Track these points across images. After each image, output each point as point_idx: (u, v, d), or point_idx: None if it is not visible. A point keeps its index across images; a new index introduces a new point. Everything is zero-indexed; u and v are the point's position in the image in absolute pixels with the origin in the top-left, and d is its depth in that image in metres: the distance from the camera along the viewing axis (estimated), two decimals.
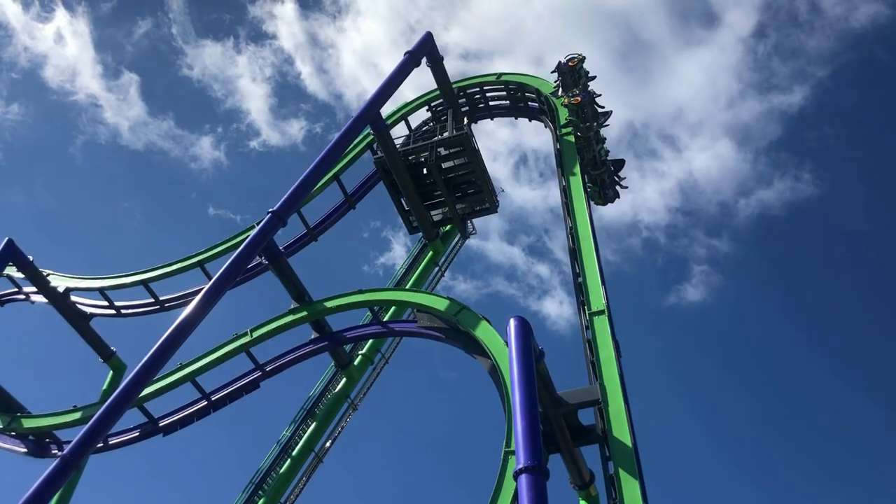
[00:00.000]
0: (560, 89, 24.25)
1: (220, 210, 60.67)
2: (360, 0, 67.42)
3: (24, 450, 22.65)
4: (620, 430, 15.08)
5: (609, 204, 24.52)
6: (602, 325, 16.98)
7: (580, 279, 18.40)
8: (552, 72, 24.68)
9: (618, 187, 24.50)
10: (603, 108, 23.75)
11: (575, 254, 19.09)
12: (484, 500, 14.00)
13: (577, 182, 20.93)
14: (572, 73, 24.14)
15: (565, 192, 21.04)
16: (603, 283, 17.95)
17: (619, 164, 24.37)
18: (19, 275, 26.07)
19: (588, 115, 23.38)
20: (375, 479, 56.61)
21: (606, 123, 23.70)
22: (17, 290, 27.45)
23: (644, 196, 59.97)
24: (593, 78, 24.29)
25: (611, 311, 17.39)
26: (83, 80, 61.50)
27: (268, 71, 64.90)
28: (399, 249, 57.62)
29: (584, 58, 24.36)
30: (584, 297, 17.84)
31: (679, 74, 62.74)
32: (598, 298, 17.56)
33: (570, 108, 23.37)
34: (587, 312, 17.43)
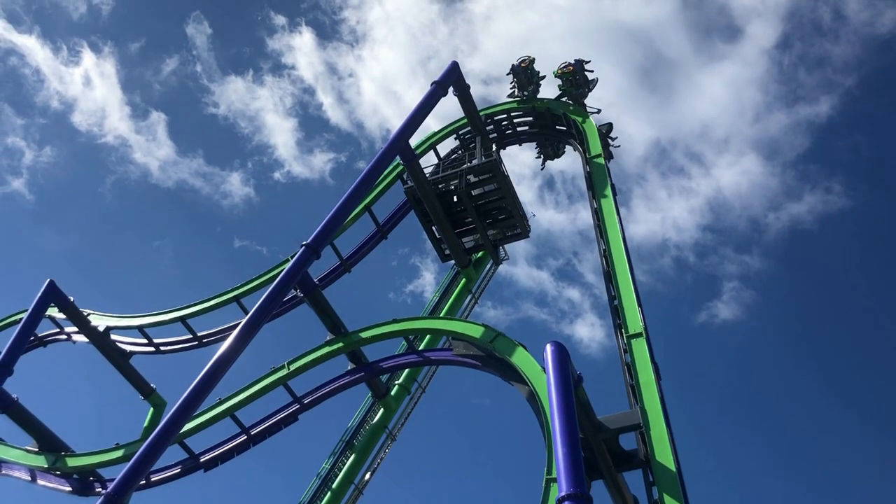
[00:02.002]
0: (516, 89, 26.50)
1: (246, 241, 61.43)
2: (377, 28, 68.25)
3: (69, 489, 22.87)
4: (663, 454, 14.83)
5: (556, 160, 27.13)
6: (640, 348, 16.78)
7: (616, 302, 18.23)
8: (507, 74, 26.36)
9: (611, 148, 25.39)
10: (592, 72, 25.97)
11: (609, 276, 18.95)
12: None
13: (608, 204, 20.84)
14: (525, 74, 26.22)
15: (597, 214, 20.94)
16: (639, 305, 17.77)
17: (609, 126, 25.43)
18: (61, 315, 26.52)
19: (580, 82, 25.62)
20: None
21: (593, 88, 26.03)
22: (59, 330, 27.91)
23: (673, 214, 59.56)
24: (543, 77, 26.47)
25: (648, 334, 17.19)
26: (111, 122, 62.96)
27: (289, 101, 65.88)
28: (428, 276, 57.69)
29: (534, 59, 26.66)
30: (620, 320, 17.66)
31: (703, 90, 62.49)
32: (635, 321, 17.38)
33: (563, 77, 25.61)
34: (625, 335, 17.24)
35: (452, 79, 24.53)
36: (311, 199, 64.01)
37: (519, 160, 26.98)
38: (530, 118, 26.60)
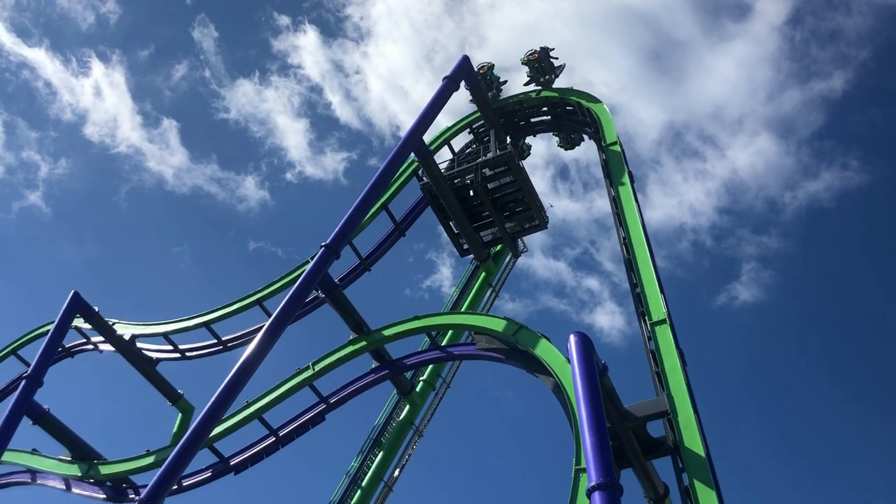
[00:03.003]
0: (533, 82, 26.61)
1: (260, 243, 61.73)
2: (382, 23, 68.10)
3: (103, 496, 23.19)
4: (692, 440, 14.78)
5: (577, 147, 27.36)
6: (664, 335, 16.72)
7: (638, 289, 18.17)
8: (523, 62, 26.20)
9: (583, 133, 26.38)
10: (557, 58, 26.40)
11: (630, 264, 18.87)
12: None
13: (626, 191, 20.74)
14: (484, 80, 26.53)
15: (615, 201, 20.86)
16: (661, 291, 17.69)
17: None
18: (87, 326, 26.81)
19: (546, 69, 26.24)
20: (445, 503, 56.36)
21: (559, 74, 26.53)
22: (85, 340, 28.23)
23: (689, 198, 59.15)
24: (504, 82, 27.06)
25: (672, 320, 17.12)
26: (124, 132, 63.42)
27: (297, 101, 65.96)
28: (445, 271, 57.71)
29: (493, 65, 27.20)
30: (643, 308, 17.60)
31: (715, 71, 61.92)
32: (658, 308, 17.31)
33: (529, 65, 26.05)
34: (648, 323, 17.18)
35: (464, 73, 24.50)
36: (325, 200, 64.23)
37: (531, 150, 27.00)
38: (544, 108, 26.53)
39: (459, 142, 27.17)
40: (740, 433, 50.64)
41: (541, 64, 26.23)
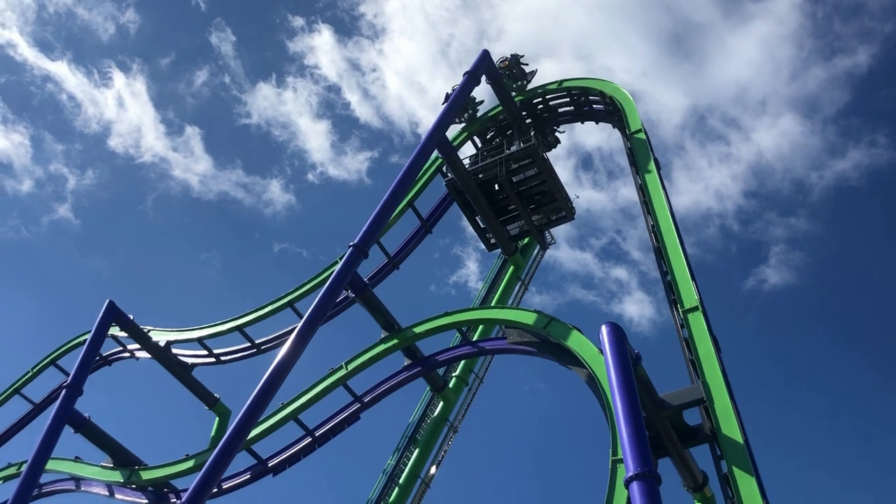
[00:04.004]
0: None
1: (284, 244, 62.12)
2: (396, 19, 68.02)
3: (145, 501, 23.54)
4: (729, 427, 14.65)
5: (552, 150, 27.34)
6: (697, 322, 16.57)
7: (668, 277, 18.02)
8: (443, 104, 25.33)
9: (556, 133, 27.10)
10: (527, 65, 26.97)
11: (660, 252, 18.73)
12: None
13: (653, 179, 20.57)
14: (510, 71, 26.44)
15: (642, 189, 20.69)
16: (693, 278, 17.54)
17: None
18: (122, 334, 27.19)
19: (517, 75, 26.71)
20: (483, 499, 56.41)
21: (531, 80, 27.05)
22: (122, 348, 28.65)
23: (715, 183, 58.52)
24: (481, 102, 26.92)
25: (704, 306, 16.97)
26: (148, 142, 64.07)
27: (317, 102, 66.15)
28: (472, 266, 57.65)
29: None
30: (675, 295, 17.46)
31: (736, 53, 61.11)
32: (689, 295, 17.16)
33: (502, 72, 26.14)
34: (680, 310, 17.03)
35: (484, 67, 24.46)
36: (349, 200, 64.47)
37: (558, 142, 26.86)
38: (565, 99, 26.40)
39: (483, 137, 27.13)
40: (775, 419, 50.08)
41: (512, 70, 26.59)
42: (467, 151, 26.22)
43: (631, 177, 22.06)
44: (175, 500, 23.05)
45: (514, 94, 26.36)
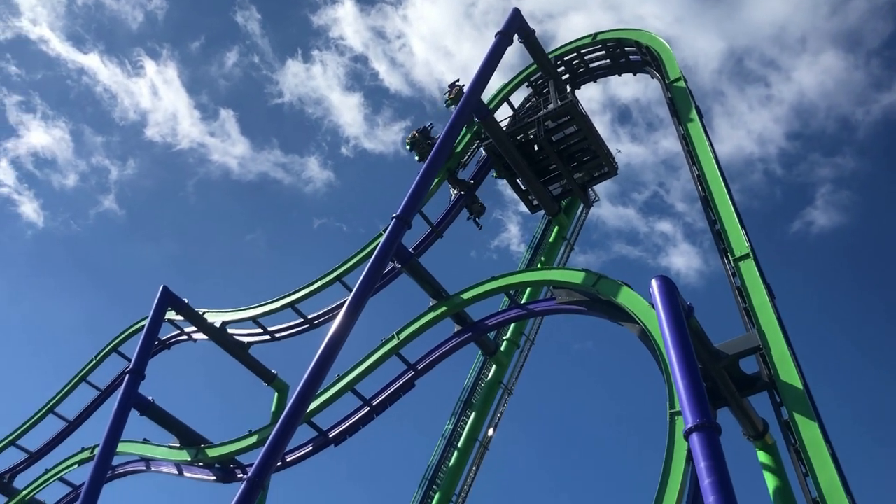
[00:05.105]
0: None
1: (323, 219, 62.57)
2: None
3: (213, 477, 24.24)
4: (788, 373, 14.50)
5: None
6: (750, 270, 16.35)
7: (717, 226, 17.76)
8: (446, 102, 25.69)
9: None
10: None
11: (707, 201, 18.44)
12: (654, 463, 13.82)
13: (696, 128, 20.19)
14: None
15: (685, 139, 20.34)
16: (742, 225, 17.26)
17: None
18: (178, 317, 27.82)
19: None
20: (542, 458, 56.86)
21: None
22: (179, 331, 29.30)
23: (757, 128, 57.16)
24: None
25: (755, 253, 16.71)
26: (184, 129, 64.74)
27: (345, 75, 65.96)
28: (513, 229, 57.42)
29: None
30: (724, 244, 17.21)
31: None
32: (740, 243, 16.91)
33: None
34: (731, 259, 16.81)
35: (516, 26, 24.09)
36: (386, 171, 64.57)
37: (585, 96, 26.08)
38: (601, 52, 25.92)
39: (519, 97, 26.87)
40: (830, 362, 49.29)
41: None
42: (503, 115, 26.01)
43: (671, 127, 21.69)
44: (241, 475, 23.66)
45: (588, 38, 25.63)
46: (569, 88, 25.14)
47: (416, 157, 26.11)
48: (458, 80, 26.47)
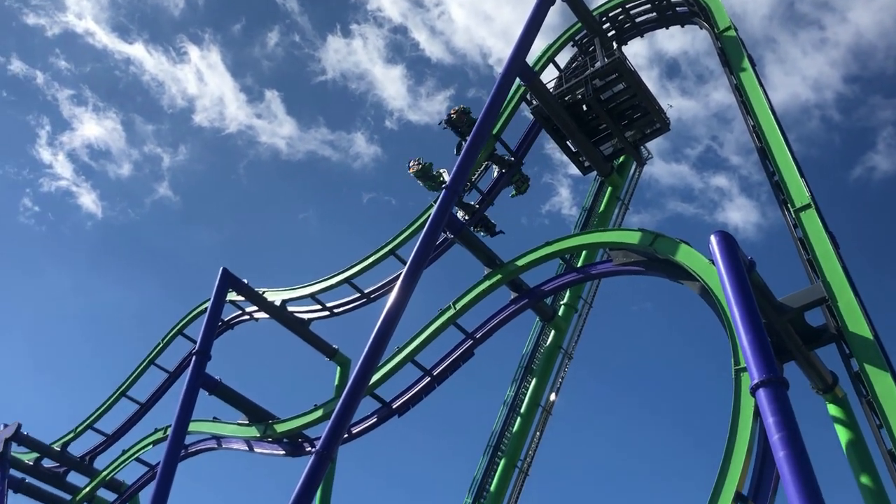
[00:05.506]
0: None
1: (372, 194, 62.75)
2: None
3: (282, 452, 24.84)
4: (856, 324, 14.11)
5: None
6: (812, 220, 15.90)
7: (776, 177, 17.28)
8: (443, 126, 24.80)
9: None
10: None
11: (764, 152, 17.93)
12: (720, 422, 13.64)
13: (749, 77, 19.58)
14: (459, 122, 24.39)
15: (738, 90, 19.76)
16: (802, 175, 16.76)
17: None
18: (239, 298, 28.37)
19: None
20: (607, 422, 56.76)
21: None
22: (241, 312, 29.91)
23: (812, 73, 55.17)
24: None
25: (817, 203, 16.23)
26: (231, 112, 65.48)
27: (385, 47, 65.62)
28: (564, 192, 56.83)
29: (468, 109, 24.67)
30: (784, 196, 16.75)
31: None
32: (800, 193, 16.43)
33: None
34: (792, 210, 16.36)
35: None
36: (431, 142, 64.34)
37: (631, 52, 25.20)
38: (647, 6, 25.27)
39: (563, 59, 26.40)
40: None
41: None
42: (549, 77, 25.59)
43: (722, 79, 21.12)
44: (309, 448, 24.19)
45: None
46: (615, 45, 24.58)
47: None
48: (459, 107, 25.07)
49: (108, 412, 31.45)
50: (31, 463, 31.14)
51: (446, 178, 23.17)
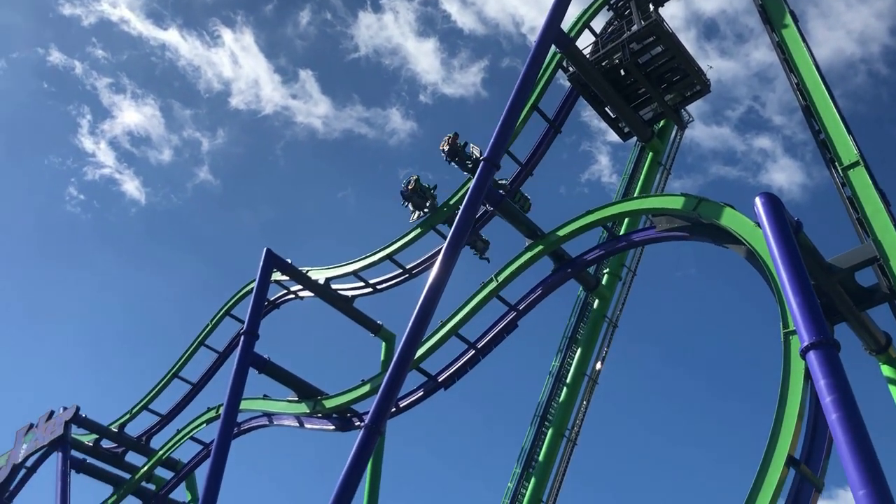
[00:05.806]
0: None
1: (408, 168, 62.62)
2: None
3: (332, 427, 25.23)
4: None
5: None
6: (860, 178, 15.50)
7: (822, 136, 16.84)
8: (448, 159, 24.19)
9: None
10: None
11: (809, 110, 17.46)
12: (771, 386, 13.47)
13: (791, 34, 19.02)
14: (456, 153, 23.90)
15: (780, 47, 19.22)
16: (849, 132, 16.29)
17: None
18: (284, 277, 28.73)
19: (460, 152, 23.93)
20: (654, 389, 56.45)
21: None
22: (286, 291, 30.30)
23: (857, 27, 53.34)
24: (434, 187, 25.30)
25: (866, 160, 15.78)
26: (266, 94, 65.76)
27: (413, 18, 65.04)
28: (603, 160, 56.09)
29: (461, 140, 24.12)
30: (831, 154, 16.32)
31: None
32: (848, 150, 16.00)
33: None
34: (839, 168, 15.94)
35: None
36: (467, 115, 63.93)
37: (667, 14, 24.41)
38: None
39: (600, 23, 25.92)
40: None
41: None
42: (584, 43, 25.15)
43: (763, 37, 20.52)
44: (358, 423, 24.51)
45: None
46: (651, 7, 24.05)
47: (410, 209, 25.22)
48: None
49: (161, 393, 32.26)
50: (90, 444, 32.14)
51: (477, 154, 23.11)
